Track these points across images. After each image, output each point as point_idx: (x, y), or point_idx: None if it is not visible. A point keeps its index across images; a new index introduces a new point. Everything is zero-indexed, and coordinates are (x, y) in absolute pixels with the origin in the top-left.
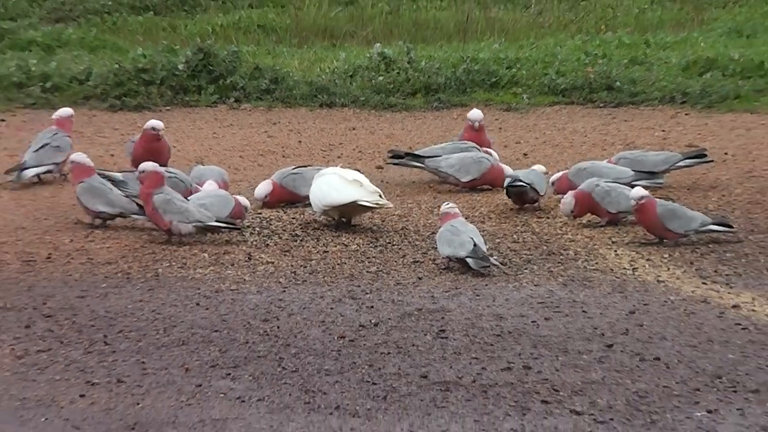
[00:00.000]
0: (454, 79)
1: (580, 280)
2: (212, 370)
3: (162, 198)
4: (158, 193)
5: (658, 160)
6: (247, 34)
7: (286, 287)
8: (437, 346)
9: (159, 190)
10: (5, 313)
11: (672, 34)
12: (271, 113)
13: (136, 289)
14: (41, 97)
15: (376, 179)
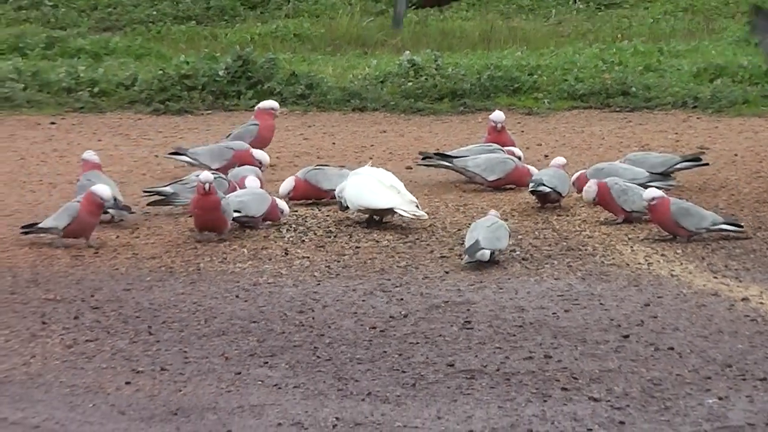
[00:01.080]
0: (479, 84)
1: (597, 274)
2: (250, 358)
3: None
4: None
5: (656, 162)
6: (283, 42)
7: (321, 280)
8: (463, 337)
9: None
10: (55, 304)
11: (684, 42)
12: (306, 117)
13: (179, 282)
14: (89, 102)
15: (405, 179)
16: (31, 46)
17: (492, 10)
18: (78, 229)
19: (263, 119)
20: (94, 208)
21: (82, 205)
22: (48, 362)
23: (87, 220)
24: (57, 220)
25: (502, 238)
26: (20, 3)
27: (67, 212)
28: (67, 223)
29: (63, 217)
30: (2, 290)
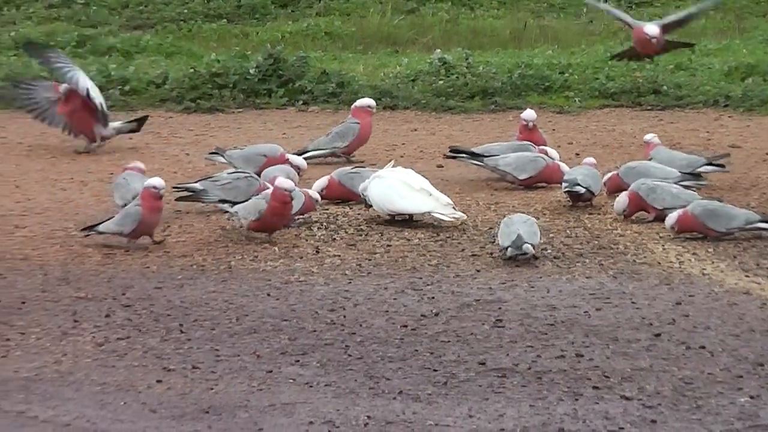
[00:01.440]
0: (510, 83)
1: (629, 272)
2: (282, 356)
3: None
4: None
5: (682, 164)
6: (314, 40)
7: (352, 279)
8: (494, 335)
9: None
10: (86, 303)
11: (715, 41)
12: (337, 115)
13: (210, 280)
14: (120, 100)
15: (436, 177)
16: (62, 44)
17: (523, 8)
18: (143, 230)
19: (362, 117)
20: (154, 203)
21: (143, 206)
22: (79, 360)
23: (150, 219)
24: (121, 226)
25: (536, 234)
26: (51, 1)
27: (131, 218)
28: (132, 228)
29: (127, 222)
30: (33, 288)
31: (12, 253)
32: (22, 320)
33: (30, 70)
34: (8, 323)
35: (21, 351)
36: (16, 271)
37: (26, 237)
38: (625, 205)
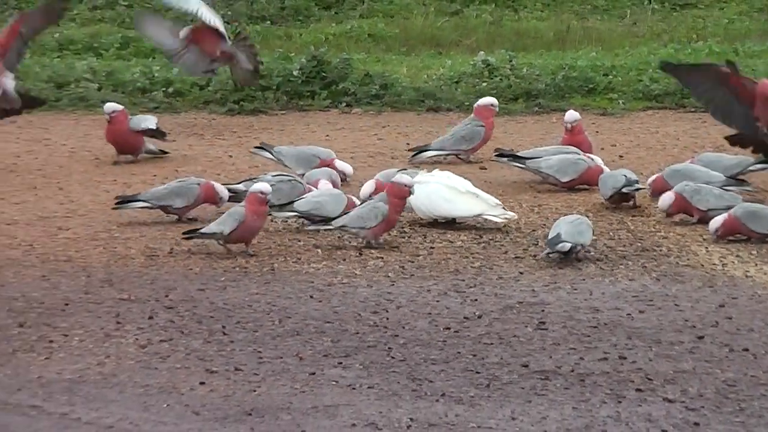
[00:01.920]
0: (554, 85)
1: (672, 275)
2: (325, 359)
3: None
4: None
5: (731, 164)
6: (358, 42)
7: (395, 281)
8: (537, 337)
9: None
10: (130, 304)
11: (759, 43)
12: (381, 117)
13: (253, 282)
14: (164, 102)
15: (480, 179)
16: (105, 46)
17: (567, 10)
18: (243, 233)
19: (485, 117)
20: (259, 207)
21: (248, 209)
22: (122, 362)
23: (253, 224)
24: (222, 225)
25: (585, 233)
26: (95, 3)
27: (233, 217)
28: (233, 228)
29: (228, 221)
30: (77, 290)
31: (55, 254)
32: (66, 322)
33: (73, 71)
34: (51, 325)
35: (64, 353)
36: (60, 272)
37: (69, 239)
38: (670, 202)
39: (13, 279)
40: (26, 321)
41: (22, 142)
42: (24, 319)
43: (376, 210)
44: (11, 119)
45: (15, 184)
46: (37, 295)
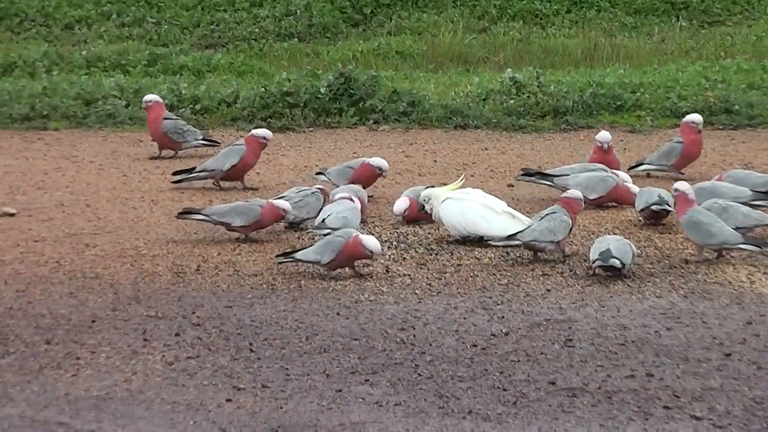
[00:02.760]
0: (581, 102)
1: (699, 292)
2: (352, 376)
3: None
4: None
5: (759, 182)
6: (385, 59)
7: (422, 298)
8: (564, 354)
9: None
10: (157, 321)
11: None
12: (408, 134)
13: (281, 299)
14: (191, 119)
15: (507, 196)
16: (133, 63)
17: (595, 27)
18: (342, 261)
19: (687, 134)
20: (356, 239)
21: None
22: (149, 379)
23: (354, 252)
24: (320, 254)
25: (629, 252)
26: (123, 20)
27: (332, 246)
28: (332, 258)
29: (327, 251)
30: (104, 307)
31: (83, 271)
32: (93, 339)
33: (101, 88)
34: (79, 342)
35: (91, 369)
36: (87, 289)
37: (97, 256)
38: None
39: (41, 296)
40: (53, 338)
41: (50, 159)
42: (51, 336)
43: (564, 223)
44: (39, 136)
45: (43, 200)
46: (64, 312)
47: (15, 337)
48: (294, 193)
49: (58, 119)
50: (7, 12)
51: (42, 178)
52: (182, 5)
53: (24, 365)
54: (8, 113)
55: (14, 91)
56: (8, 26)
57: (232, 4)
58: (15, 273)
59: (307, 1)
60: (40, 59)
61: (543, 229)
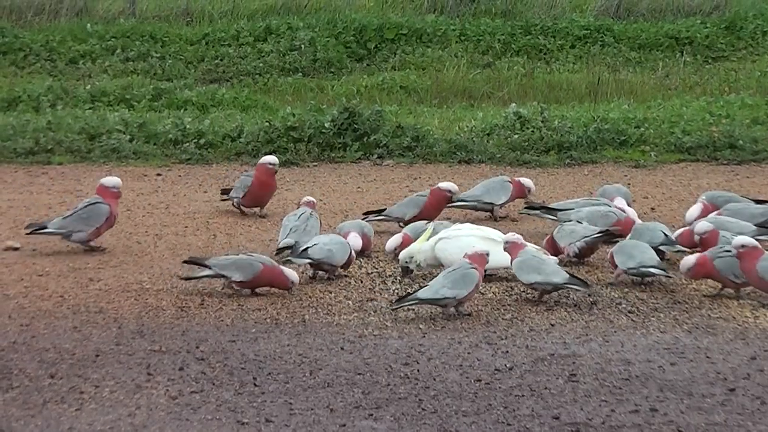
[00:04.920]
0: (586, 137)
1: (704, 327)
2: (356, 410)
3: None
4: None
5: (756, 213)
6: (390, 94)
7: (426, 333)
8: (568, 389)
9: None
10: (161, 356)
11: None
12: (412, 169)
13: (284, 334)
14: (196, 153)
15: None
16: (138, 98)
17: (599, 62)
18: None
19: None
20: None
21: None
22: (153, 413)
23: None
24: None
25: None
26: (127, 55)
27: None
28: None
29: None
30: (108, 341)
31: (87, 305)
32: (97, 373)
33: (105, 123)
34: (83, 376)
35: (95, 404)
36: (91, 323)
37: (101, 290)
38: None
39: (45, 330)
40: (57, 372)
41: (54, 194)
42: (55, 370)
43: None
44: (43, 170)
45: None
46: (68, 346)
47: (19, 371)
48: (295, 221)
49: (63, 153)
50: (11, 46)
51: (46, 213)
52: (187, 40)
53: (28, 399)
54: (12, 147)
55: (18, 125)
56: (13, 60)
57: (236, 39)
58: (19, 307)
59: (311, 36)
60: (44, 94)
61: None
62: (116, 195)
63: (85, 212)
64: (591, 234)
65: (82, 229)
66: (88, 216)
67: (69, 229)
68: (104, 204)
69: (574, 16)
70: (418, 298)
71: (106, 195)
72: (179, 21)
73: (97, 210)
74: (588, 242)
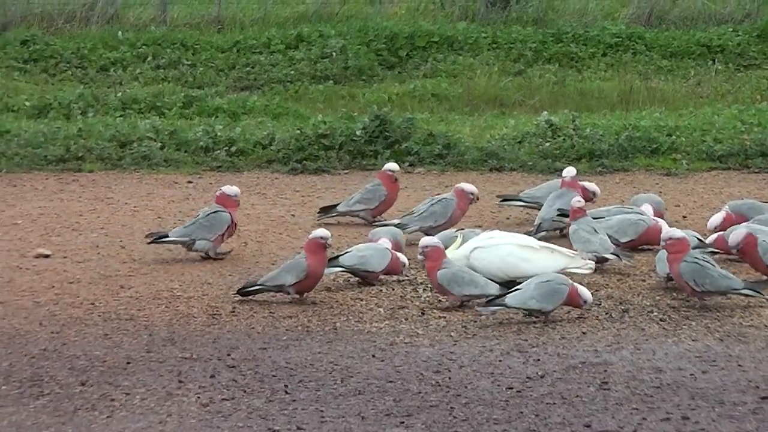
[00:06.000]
0: (617, 145)
1: (735, 335)
2: (387, 418)
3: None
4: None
5: None
6: (421, 102)
7: (457, 341)
8: (600, 397)
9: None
10: (192, 363)
11: None
12: (444, 177)
13: (315, 341)
14: (227, 161)
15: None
16: (169, 105)
17: (630, 70)
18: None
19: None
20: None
21: (571, 289)
22: (184, 421)
23: (575, 300)
24: (543, 302)
25: None
26: (158, 62)
27: (558, 293)
28: (557, 304)
29: (551, 299)
30: (139, 348)
31: (118, 313)
32: (128, 380)
33: (136, 130)
34: (113, 383)
35: (126, 411)
36: (122, 331)
37: (132, 297)
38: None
39: (76, 337)
40: (88, 379)
41: (85, 201)
42: (86, 378)
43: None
44: (74, 178)
45: (78, 242)
46: (99, 354)
47: (49, 378)
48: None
49: (93, 161)
50: (42, 54)
51: (77, 220)
52: (218, 47)
53: (58, 407)
54: (43, 155)
55: (49, 132)
56: (44, 68)
57: (267, 47)
58: (50, 314)
59: (342, 44)
60: (75, 101)
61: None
62: (236, 204)
63: (207, 221)
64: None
65: (205, 237)
66: (210, 224)
67: (192, 237)
68: (226, 212)
69: (605, 24)
70: (505, 304)
71: (227, 203)
72: (210, 28)
73: (220, 218)
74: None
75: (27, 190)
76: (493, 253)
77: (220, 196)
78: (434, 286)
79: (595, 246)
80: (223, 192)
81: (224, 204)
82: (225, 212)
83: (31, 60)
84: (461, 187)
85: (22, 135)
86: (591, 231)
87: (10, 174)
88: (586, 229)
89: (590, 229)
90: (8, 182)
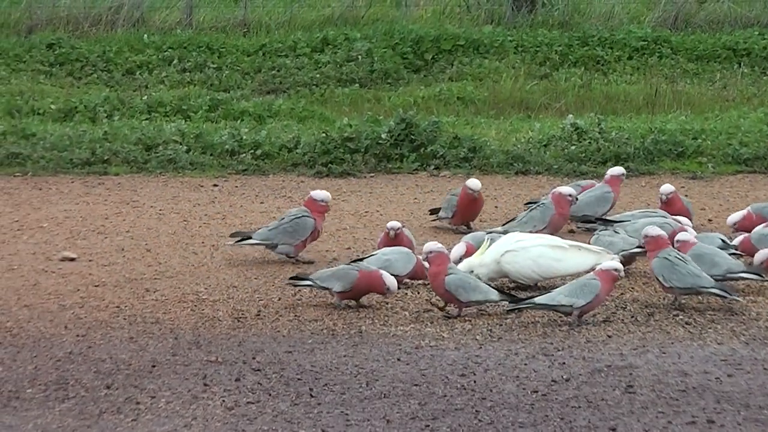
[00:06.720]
0: (643, 148)
1: (761, 338)
2: (412, 421)
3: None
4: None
5: None
6: (447, 105)
7: (483, 344)
8: (625, 401)
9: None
10: (217, 366)
11: None
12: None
13: (341, 344)
14: (252, 164)
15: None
16: (194, 109)
17: (656, 74)
18: (593, 306)
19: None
20: (612, 285)
21: (603, 286)
22: (209, 424)
23: (604, 298)
24: (574, 297)
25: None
26: (184, 65)
27: (588, 289)
28: (588, 301)
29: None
30: (164, 352)
31: (143, 316)
32: (153, 383)
33: (162, 134)
34: (139, 386)
35: (151, 414)
36: (148, 334)
37: (157, 301)
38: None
39: (101, 340)
40: (113, 382)
41: (110, 204)
42: (111, 381)
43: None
44: (99, 181)
45: (103, 246)
46: (124, 357)
47: (75, 381)
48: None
49: (119, 164)
50: (68, 57)
51: (102, 223)
52: (243, 51)
53: (84, 410)
54: (69, 158)
55: (75, 136)
56: (69, 71)
57: (293, 50)
58: (75, 318)
59: (368, 47)
60: (101, 104)
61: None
62: (324, 209)
63: (291, 225)
64: (629, 248)
65: (287, 242)
66: (293, 229)
67: (274, 241)
68: (310, 218)
69: (631, 27)
70: (534, 303)
71: (313, 208)
72: (236, 32)
73: (303, 223)
74: (626, 255)
75: (53, 193)
76: (525, 256)
77: (308, 200)
78: (438, 292)
79: (619, 245)
80: (311, 196)
81: (311, 209)
82: (309, 217)
83: (57, 63)
84: (558, 191)
85: (48, 138)
86: (611, 233)
87: (36, 177)
88: (606, 233)
89: (611, 232)
90: (34, 185)
